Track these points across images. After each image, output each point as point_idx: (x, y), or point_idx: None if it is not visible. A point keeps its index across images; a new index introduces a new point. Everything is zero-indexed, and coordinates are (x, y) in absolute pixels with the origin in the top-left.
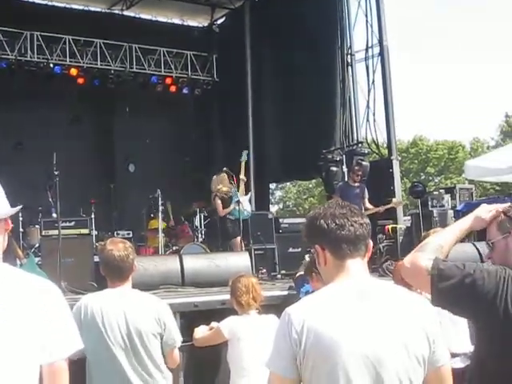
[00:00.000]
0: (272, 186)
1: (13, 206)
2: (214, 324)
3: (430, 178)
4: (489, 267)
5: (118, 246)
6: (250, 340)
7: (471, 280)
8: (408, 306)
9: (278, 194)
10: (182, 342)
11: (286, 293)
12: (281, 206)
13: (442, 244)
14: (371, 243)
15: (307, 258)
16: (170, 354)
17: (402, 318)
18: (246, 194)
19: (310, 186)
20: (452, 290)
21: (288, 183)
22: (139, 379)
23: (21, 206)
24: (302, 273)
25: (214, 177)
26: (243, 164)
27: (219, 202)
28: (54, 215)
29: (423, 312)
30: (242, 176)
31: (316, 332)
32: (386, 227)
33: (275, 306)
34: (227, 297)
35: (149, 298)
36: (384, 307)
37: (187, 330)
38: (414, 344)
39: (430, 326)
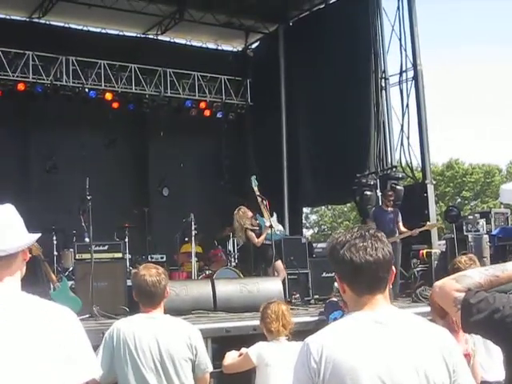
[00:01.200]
0: (307, 210)
1: (47, 229)
2: (243, 350)
3: (466, 201)
4: None
5: (151, 272)
6: (278, 366)
7: (500, 316)
8: (426, 336)
9: (313, 217)
10: (213, 368)
11: (316, 318)
12: (316, 229)
13: (482, 284)
14: (393, 270)
15: (336, 284)
16: (201, 379)
17: (420, 346)
18: (271, 215)
19: (345, 209)
20: (480, 324)
21: (323, 207)
22: None
23: (38, 235)
24: (334, 299)
25: (236, 213)
26: (256, 189)
27: (252, 233)
28: (87, 240)
29: (442, 342)
30: (262, 202)
31: (334, 361)
32: (421, 252)
33: (306, 332)
34: (259, 323)
35: (180, 323)
36: (401, 335)
37: (219, 355)
38: (432, 371)
39: (449, 356)
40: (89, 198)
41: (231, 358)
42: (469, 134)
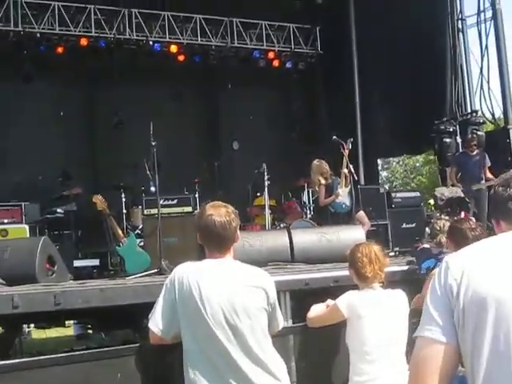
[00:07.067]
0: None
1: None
2: (329, 302)
3: None
4: None
5: (220, 211)
6: (374, 318)
7: None
8: None
9: (384, 174)
10: (293, 323)
11: (405, 268)
12: (387, 186)
13: None
14: None
15: (428, 230)
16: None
17: None
18: (346, 186)
19: (418, 164)
20: None
21: (394, 163)
22: (246, 361)
23: None
24: (426, 245)
25: (314, 164)
26: (346, 154)
27: (322, 189)
28: (153, 189)
29: None
30: (344, 169)
31: (476, 285)
32: None
33: (394, 283)
34: (341, 273)
35: (253, 269)
36: None
37: (298, 309)
38: None
39: None
40: (153, 143)
41: (316, 310)
42: None
